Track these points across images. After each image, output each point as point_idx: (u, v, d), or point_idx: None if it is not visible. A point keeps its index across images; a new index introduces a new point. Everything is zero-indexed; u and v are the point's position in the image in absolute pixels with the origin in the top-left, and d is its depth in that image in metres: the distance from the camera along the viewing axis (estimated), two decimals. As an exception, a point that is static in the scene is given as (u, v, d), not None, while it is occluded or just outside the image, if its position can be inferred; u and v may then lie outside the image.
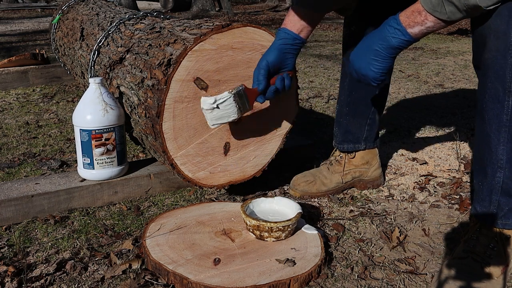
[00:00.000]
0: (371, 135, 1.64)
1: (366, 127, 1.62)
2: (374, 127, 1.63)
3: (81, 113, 1.48)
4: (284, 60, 1.32)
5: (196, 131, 1.40)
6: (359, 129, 1.62)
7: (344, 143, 1.65)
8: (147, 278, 1.13)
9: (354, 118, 1.61)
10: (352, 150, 1.65)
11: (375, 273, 1.18)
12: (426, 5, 1.06)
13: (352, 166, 1.66)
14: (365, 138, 1.63)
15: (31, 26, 7.78)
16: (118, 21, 1.91)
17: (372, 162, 1.67)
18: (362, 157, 1.66)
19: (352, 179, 1.66)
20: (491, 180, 1.14)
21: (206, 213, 1.40)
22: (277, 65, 1.31)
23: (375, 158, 1.68)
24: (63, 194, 1.48)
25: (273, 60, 1.30)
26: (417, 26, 1.09)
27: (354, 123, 1.62)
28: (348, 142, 1.64)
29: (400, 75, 3.76)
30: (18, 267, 1.18)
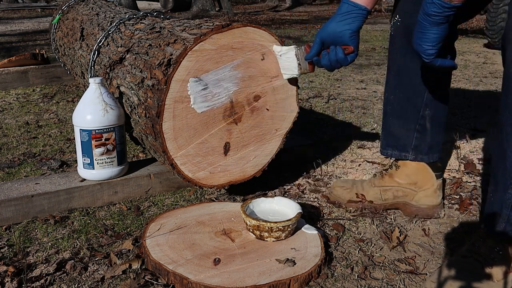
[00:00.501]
0: (422, 145, 1.41)
1: (415, 133, 1.41)
2: (427, 135, 1.41)
3: (81, 113, 1.48)
4: (341, 33, 1.23)
5: (196, 131, 1.40)
6: (406, 135, 1.42)
7: (388, 148, 1.47)
8: (147, 278, 1.13)
9: (399, 120, 1.42)
10: (397, 158, 1.45)
11: (375, 273, 1.18)
12: None
13: (395, 182, 1.45)
14: (414, 147, 1.41)
15: (31, 26, 7.78)
16: (118, 21, 1.91)
17: (423, 185, 1.43)
18: (407, 175, 1.44)
19: (394, 198, 1.45)
20: (503, 194, 1.09)
21: (206, 213, 1.40)
22: (332, 36, 1.24)
23: (428, 182, 1.42)
24: (63, 194, 1.48)
25: (328, 32, 1.24)
26: None
27: (398, 125, 1.43)
28: (393, 148, 1.45)
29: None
30: (18, 267, 1.18)
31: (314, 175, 1.79)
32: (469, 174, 1.80)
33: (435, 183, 1.44)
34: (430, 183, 1.43)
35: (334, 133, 2.30)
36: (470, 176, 1.79)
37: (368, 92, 3.18)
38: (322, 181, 1.74)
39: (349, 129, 2.37)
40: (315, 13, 11.38)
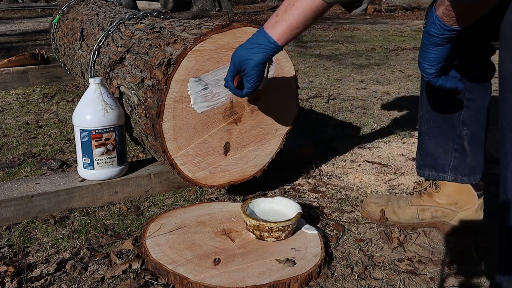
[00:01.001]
0: (462, 166, 1.33)
1: (454, 153, 1.33)
2: (467, 155, 1.33)
3: (81, 113, 1.48)
4: (246, 61, 1.19)
5: (196, 131, 1.40)
6: (444, 154, 1.34)
7: (425, 168, 1.39)
8: (147, 278, 1.13)
9: (436, 139, 1.35)
10: (434, 179, 1.38)
11: (375, 273, 1.18)
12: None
13: (434, 202, 1.38)
14: (453, 168, 1.34)
15: (31, 26, 7.78)
16: (118, 21, 1.91)
17: (464, 206, 1.35)
18: (448, 195, 1.36)
19: (432, 218, 1.38)
20: None
21: (206, 213, 1.40)
22: (239, 63, 1.21)
23: (470, 202, 1.35)
24: (63, 194, 1.48)
25: (238, 57, 1.20)
26: (441, 7, 1.00)
27: (435, 145, 1.36)
28: (430, 168, 1.38)
29: (400, 75, 3.77)
30: (18, 267, 1.18)
31: (314, 175, 1.79)
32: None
33: (476, 202, 1.36)
34: (471, 202, 1.36)
35: (334, 133, 2.30)
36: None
37: (368, 92, 3.18)
38: (322, 181, 1.74)
39: (349, 129, 2.37)
40: (315, 13, 11.36)
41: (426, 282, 1.15)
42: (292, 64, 1.51)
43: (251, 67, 1.16)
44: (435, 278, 1.16)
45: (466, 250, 1.29)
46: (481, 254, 1.26)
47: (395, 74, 3.84)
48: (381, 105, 2.84)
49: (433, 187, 1.39)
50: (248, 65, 1.16)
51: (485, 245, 1.31)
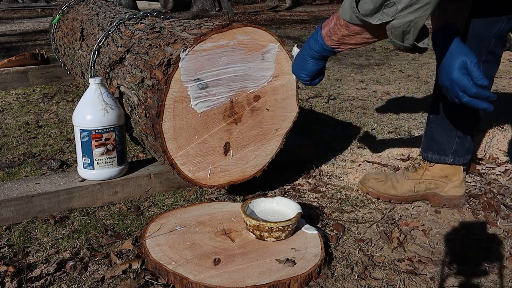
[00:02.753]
0: (461, 149, 1.51)
1: (456, 139, 1.49)
2: (466, 140, 1.51)
3: (81, 113, 1.48)
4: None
5: (196, 131, 1.40)
6: (447, 140, 1.50)
7: (429, 151, 1.54)
8: (147, 278, 1.13)
9: (441, 127, 1.50)
10: (437, 162, 1.53)
11: (375, 273, 1.18)
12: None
13: (429, 176, 1.55)
14: (454, 151, 1.51)
15: (31, 26, 7.78)
16: (118, 21, 1.91)
17: (452, 178, 1.53)
18: (441, 169, 1.54)
19: (426, 190, 1.55)
20: None
21: (206, 213, 1.40)
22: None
23: (457, 175, 1.54)
24: (63, 194, 1.48)
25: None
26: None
27: (440, 132, 1.51)
28: (433, 152, 1.53)
29: (400, 75, 3.76)
30: (18, 267, 1.18)
31: (314, 175, 1.79)
32: (469, 174, 1.80)
33: (461, 175, 1.54)
34: (458, 175, 1.54)
35: (334, 133, 2.30)
36: (470, 176, 1.79)
37: (368, 92, 3.18)
38: (322, 181, 1.74)
39: (349, 129, 2.37)
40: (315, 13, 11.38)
41: (426, 282, 1.15)
42: (292, 64, 1.51)
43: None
44: (435, 278, 1.16)
45: (466, 250, 1.29)
46: (481, 254, 1.26)
47: (395, 74, 3.83)
48: (381, 105, 2.84)
49: (427, 162, 1.56)
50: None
51: (485, 245, 1.31)
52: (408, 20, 0.95)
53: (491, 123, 2.41)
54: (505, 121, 2.44)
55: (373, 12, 0.97)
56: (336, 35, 1.10)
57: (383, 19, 0.96)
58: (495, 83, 3.48)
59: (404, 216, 1.48)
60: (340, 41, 1.11)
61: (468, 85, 1.12)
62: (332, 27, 1.10)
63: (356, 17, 1.00)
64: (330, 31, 1.11)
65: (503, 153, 2.02)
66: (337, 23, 1.08)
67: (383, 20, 0.97)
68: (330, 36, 1.11)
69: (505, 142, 2.14)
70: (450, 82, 1.15)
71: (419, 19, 0.95)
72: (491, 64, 1.40)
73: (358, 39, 1.08)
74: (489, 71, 1.39)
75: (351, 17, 1.02)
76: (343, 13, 1.05)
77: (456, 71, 1.13)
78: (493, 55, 1.38)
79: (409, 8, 0.94)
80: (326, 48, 1.14)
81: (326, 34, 1.12)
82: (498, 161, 1.93)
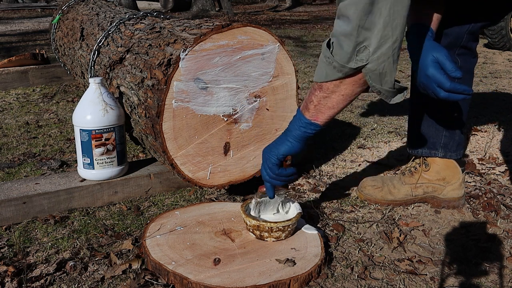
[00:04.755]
0: (451, 143, 1.49)
1: (444, 132, 1.48)
2: (455, 134, 1.49)
3: (81, 113, 1.48)
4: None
5: (196, 131, 1.40)
6: (435, 133, 1.49)
7: (418, 147, 1.53)
8: (147, 278, 1.13)
9: (428, 120, 1.49)
10: (427, 156, 1.52)
11: (375, 273, 1.18)
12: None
13: (425, 179, 1.53)
14: (444, 145, 1.49)
15: (31, 26, 7.78)
16: (118, 21, 1.91)
17: (451, 180, 1.51)
18: (437, 172, 1.52)
19: (424, 194, 1.54)
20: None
21: (206, 213, 1.40)
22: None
23: (455, 176, 1.51)
24: (63, 194, 1.48)
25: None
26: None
27: (427, 126, 1.49)
28: (423, 147, 1.52)
29: (400, 75, 3.76)
30: (18, 267, 1.18)
31: (314, 175, 1.79)
32: (469, 174, 1.80)
33: (460, 177, 1.52)
34: (456, 177, 1.52)
35: (334, 133, 2.30)
36: (470, 176, 1.79)
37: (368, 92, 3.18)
38: (322, 181, 1.74)
39: (349, 129, 2.37)
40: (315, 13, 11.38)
41: (426, 282, 1.15)
42: (292, 64, 1.51)
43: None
44: (435, 278, 1.16)
45: (466, 250, 1.29)
46: (481, 254, 1.26)
47: (395, 74, 3.83)
48: (381, 105, 2.84)
49: (423, 166, 1.54)
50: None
51: (485, 245, 1.31)
52: (382, 61, 1.00)
53: (491, 123, 2.41)
54: (505, 121, 2.44)
55: (347, 59, 1.02)
56: (312, 103, 1.12)
57: (358, 64, 1.01)
58: (495, 83, 3.49)
59: (404, 216, 1.48)
60: (318, 108, 1.12)
61: (443, 79, 1.14)
62: (307, 97, 1.13)
63: (333, 68, 1.04)
64: (306, 102, 1.14)
65: (503, 153, 2.02)
66: (312, 91, 1.12)
67: (358, 65, 1.01)
68: (307, 106, 1.13)
69: (505, 142, 2.14)
70: (426, 78, 1.17)
71: (392, 57, 1.00)
72: (467, 57, 1.43)
73: (334, 98, 1.10)
74: (465, 63, 1.42)
75: (327, 74, 1.06)
76: (318, 77, 1.09)
77: (430, 67, 1.16)
78: (466, 49, 1.41)
79: (380, 49, 0.99)
80: (306, 122, 1.14)
81: (303, 108, 1.15)
82: (498, 161, 1.93)
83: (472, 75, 1.50)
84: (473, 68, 1.48)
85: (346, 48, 1.00)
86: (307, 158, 1.90)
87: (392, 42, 0.99)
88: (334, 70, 1.04)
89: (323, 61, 1.06)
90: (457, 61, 1.42)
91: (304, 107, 1.14)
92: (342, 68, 1.03)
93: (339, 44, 1.02)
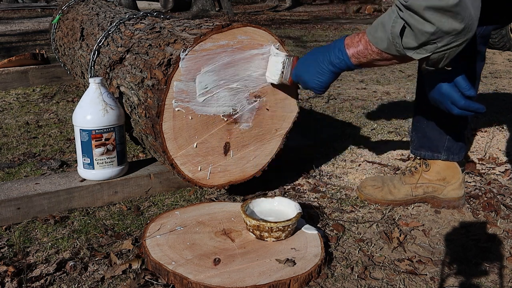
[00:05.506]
0: (454, 146, 1.50)
1: (448, 135, 1.49)
2: (459, 137, 1.49)
3: (81, 113, 1.48)
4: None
5: (196, 131, 1.40)
6: (439, 137, 1.49)
7: (422, 149, 1.54)
8: (147, 278, 1.13)
9: (432, 124, 1.50)
10: (430, 158, 1.53)
11: (375, 273, 1.18)
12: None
13: (426, 180, 1.54)
14: (447, 148, 1.50)
15: (31, 26, 7.78)
16: (118, 21, 1.91)
17: (451, 180, 1.52)
18: (438, 172, 1.52)
19: (424, 194, 1.55)
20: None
21: (206, 213, 1.40)
22: None
23: (455, 177, 1.52)
24: (63, 194, 1.48)
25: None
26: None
27: (432, 129, 1.50)
28: (426, 149, 1.53)
29: (400, 75, 3.77)
30: (18, 267, 1.18)
31: (314, 175, 1.79)
32: (469, 174, 1.80)
33: (460, 177, 1.53)
34: (456, 177, 1.52)
35: (334, 133, 2.30)
36: (470, 176, 1.79)
37: (368, 92, 3.18)
38: (322, 181, 1.74)
39: (349, 129, 2.37)
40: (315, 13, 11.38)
41: (426, 282, 1.15)
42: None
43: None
44: (435, 278, 1.16)
45: (466, 250, 1.29)
46: (481, 254, 1.26)
47: (395, 74, 3.84)
48: (381, 105, 2.84)
49: (423, 167, 1.54)
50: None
51: (485, 245, 1.31)
52: (444, 54, 1.04)
53: (491, 123, 2.41)
54: (505, 121, 2.44)
55: (413, 50, 1.05)
56: (365, 58, 1.16)
57: (422, 54, 1.04)
58: (495, 83, 3.49)
59: (404, 216, 1.48)
60: (369, 63, 1.17)
61: (457, 97, 1.18)
62: (361, 50, 1.16)
63: (396, 50, 1.07)
64: (359, 53, 1.16)
65: (503, 153, 2.02)
66: (368, 49, 1.14)
67: (423, 55, 1.04)
68: (359, 58, 1.17)
69: (505, 142, 2.14)
70: (440, 95, 1.22)
71: (454, 52, 1.04)
72: (477, 61, 1.44)
73: (386, 62, 1.15)
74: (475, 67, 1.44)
75: (389, 48, 1.08)
76: (378, 42, 1.10)
77: (445, 84, 1.20)
78: (478, 52, 1.43)
79: (447, 46, 1.02)
80: (351, 67, 1.21)
81: (353, 55, 1.18)
82: (498, 161, 1.93)
83: (480, 78, 1.51)
84: (480, 72, 1.48)
85: (420, 42, 1.03)
86: (307, 158, 1.90)
87: (460, 41, 1.02)
88: (396, 51, 1.07)
89: (389, 38, 1.06)
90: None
91: (354, 56, 1.18)
92: (404, 54, 1.06)
93: (415, 37, 1.03)
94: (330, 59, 1.22)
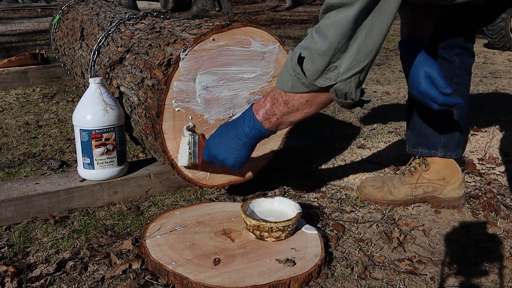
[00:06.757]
0: (451, 142, 1.49)
1: (444, 131, 1.49)
2: (455, 133, 1.49)
3: (81, 113, 1.48)
4: None
5: (196, 131, 1.40)
6: (435, 133, 1.49)
7: (418, 147, 1.53)
8: (147, 278, 1.13)
9: (428, 120, 1.49)
10: (427, 155, 1.52)
11: (375, 273, 1.18)
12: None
13: (425, 179, 1.53)
14: (443, 145, 1.49)
15: (31, 26, 7.78)
16: (118, 21, 1.91)
17: (450, 180, 1.52)
18: (437, 172, 1.52)
19: (424, 194, 1.54)
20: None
21: (206, 213, 1.40)
22: None
23: (455, 176, 1.52)
24: (63, 194, 1.48)
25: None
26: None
27: (428, 125, 1.50)
28: (422, 146, 1.52)
29: (400, 75, 3.76)
30: (18, 267, 1.18)
31: (314, 175, 1.79)
32: (469, 174, 1.80)
33: (460, 176, 1.53)
34: (456, 176, 1.52)
35: (334, 133, 2.30)
36: (470, 176, 1.79)
37: (368, 92, 3.18)
38: (322, 181, 1.74)
39: (349, 129, 2.37)
40: (315, 13, 11.38)
41: (426, 282, 1.15)
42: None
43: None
44: (435, 278, 1.16)
45: (466, 250, 1.29)
46: (481, 254, 1.26)
47: (395, 74, 3.84)
48: (381, 105, 2.84)
49: (422, 166, 1.54)
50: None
51: (485, 245, 1.31)
52: (349, 82, 1.02)
53: (491, 123, 2.41)
54: (505, 121, 2.44)
55: (316, 76, 1.03)
56: (275, 116, 1.13)
57: (327, 83, 1.03)
58: (495, 83, 3.49)
59: (404, 216, 1.48)
60: (283, 121, 1.14)
61: (435, 94, 1.21)
62: (269, 108, 1.13)
63: (301, 83, 1.05)
64: (267, 113, 1.13)
65: (503, 153, 2.02)
66: (275, 103, 1.12)
67: (327, 84, 1.03)
68: (269, 118, 1.14)
69: (505, 142, 2.14)
70: (419, 93, 1.24)
71: (358, 81, 1.03)
72: (464, 57, 1.46)
73: (297, 114, 1.13)
74: (463, 63, 1.46)
75: (293, 86, 1.06)
76: (283, 85, 1.09)
77: (423, 82, 1.22)
78: (463, 48, 1.44)
79: (349, 72, 1.01)
80: (266, 132, 1.17)
81: (263, 118, 1.15)
82: (498, 161, 1.93)
83: (470, 74, 1.52)
84: (470, 67, 1.50)
85: (318, 66, 1.02)
86: (307, 158, 1.90)
87: (362, 67, 1.02)
88: (302, 85, 1.06)
89: (291, 74, 1.05)
90: (455, 61, 1.44)
91: (264, 118, 1.14)
92: (310, 85, 1.05)
93: (311, 60, 1.03)
94: (243, 132, 1.18)
